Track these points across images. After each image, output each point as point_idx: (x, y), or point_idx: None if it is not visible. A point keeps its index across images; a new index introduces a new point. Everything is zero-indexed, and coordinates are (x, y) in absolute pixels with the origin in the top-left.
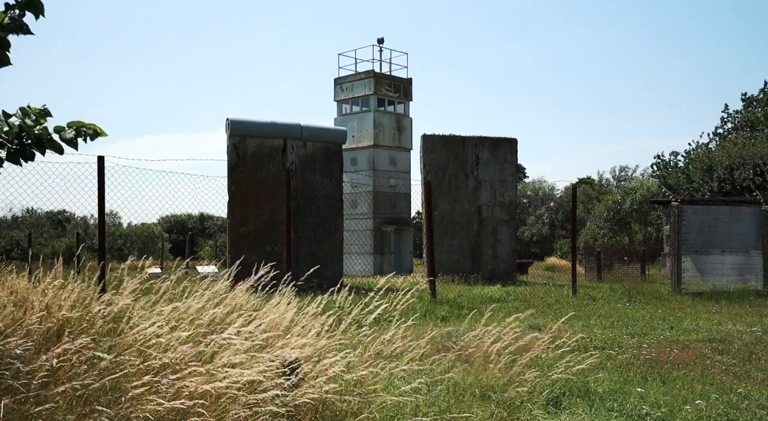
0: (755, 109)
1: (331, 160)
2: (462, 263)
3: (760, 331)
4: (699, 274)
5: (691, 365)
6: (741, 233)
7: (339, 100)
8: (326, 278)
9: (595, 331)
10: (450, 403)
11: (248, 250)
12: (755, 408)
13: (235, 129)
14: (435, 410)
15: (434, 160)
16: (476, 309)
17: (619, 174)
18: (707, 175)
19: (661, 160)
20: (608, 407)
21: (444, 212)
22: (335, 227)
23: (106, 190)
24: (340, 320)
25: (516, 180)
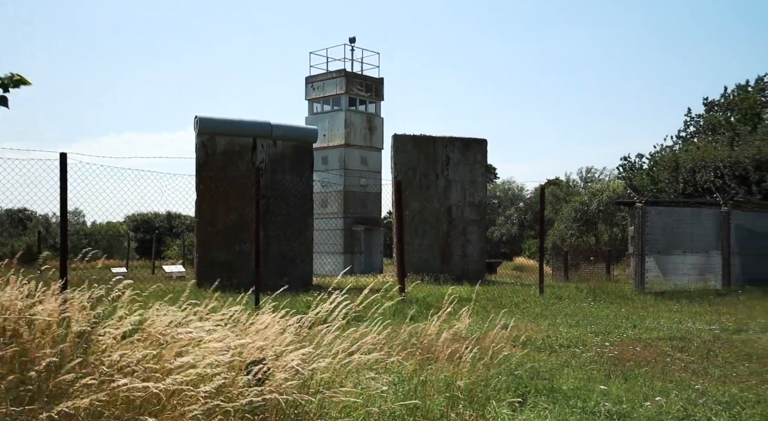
0: (716, 114)
1: (301, 159)
2: (432, 262)
3: (718, 329)
4: (662, 274)
5: (653, 363)
6: (702, 233)
7: (310, 99)
8: (296, 277)
9: (561, 330)
10: (416, 400)
11: (217, 249)
12: (712, 404)
13: (203, 127)
14: (402, 409)
15: (405, 160)
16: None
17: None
18: (672, 177)
19: (627, 161)
20: (572, 404)
21: (414, 212)
22: (305, 226)
23: (69, 188)
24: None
25: (486, 180)
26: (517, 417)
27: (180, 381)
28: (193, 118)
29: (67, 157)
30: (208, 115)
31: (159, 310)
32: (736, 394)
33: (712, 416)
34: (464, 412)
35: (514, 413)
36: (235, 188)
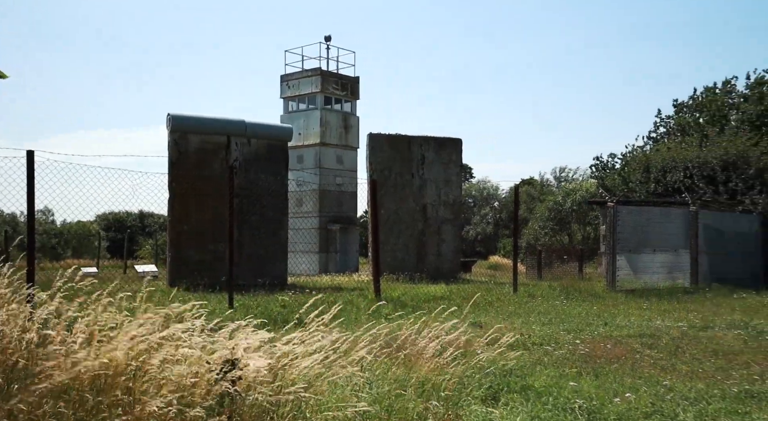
0: (685, 115)
1: (276, 157)
2: (407, 261)
3: (686, 326)
4: (632, 272)
5: (623, 360)
6: (671, 232)
7: (285, 97)
8: (271, 276)
9: (534, 328)
10: (392, 400)
11: (190, 249)
12: (679, 399)
13: (176, 125)
14: (377, 408)
15: (380, 159)
16: (420, 307)
17: (561, 175)
18: (642, 177)
19: (599, 161)
20: (544, 401)
21: (390, 211)
22: (280, 225)
23: (37, 186)
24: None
25: (460, 180)
26: (490, 415)
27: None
28: (165, 115)
29: (34, 154)
30: (182, 112)
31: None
32: (703, 389)
33: (679, 411)
34: (439, 410)
35: (487, 411)
36: (208, 187)
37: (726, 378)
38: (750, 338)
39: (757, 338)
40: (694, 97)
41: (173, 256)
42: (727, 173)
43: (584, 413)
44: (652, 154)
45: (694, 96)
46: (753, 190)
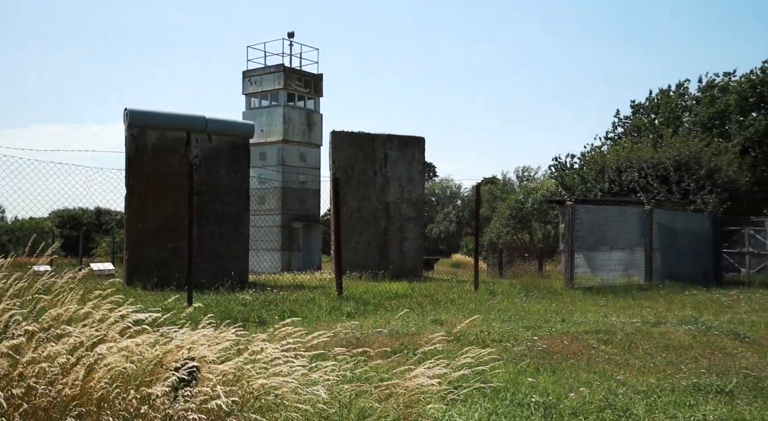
0: (642, 116)
1: (237, 154)
2: (370, 259)
3: (639, 322)
4: (590, 269)
5: (579, 355)
6: (627, 231)
7: (247, 93)
8: (231, 275)
9: (494, 325)
10: (351, 398)
11: (148, 246)
12: (631, 393)
13: (133, 120)
14: (336, 406)
15: (343, 157)
16: (382, 305)
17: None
18: (599, 177)
19: (558, 162)
20: (502, 397)
21: (352, 209)
22: (241, 223)
23: None
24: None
25: (423, 178)
26: (448, 411)
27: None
28: (123, 110)
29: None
30: (139, 107)
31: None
32: (654, 383)
33: (631, 404)
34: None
35: (445, 408)
36: (167, 184)
37: (676, 372)
38: (699, 333)
39: (705, 333)
40: (650, 99)
41: (131, 254)
42: (680, 174)
43: (540, 409)
44: (608, 155)
45: (650, 98)
46: (704, 190)
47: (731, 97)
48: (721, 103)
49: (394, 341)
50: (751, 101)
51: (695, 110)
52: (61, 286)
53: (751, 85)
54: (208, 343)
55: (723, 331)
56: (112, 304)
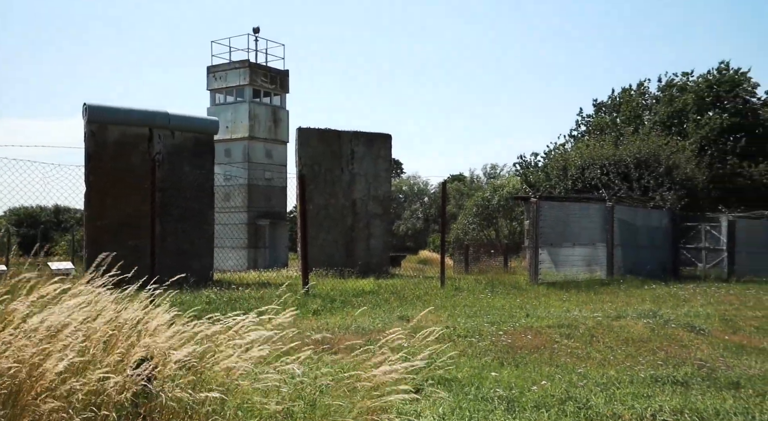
0: (604, 115)
1: (201, 151)
2: (336, 256)
3: (601, 316)
4: (554, 265)
5: (542, 349)
6: (589, 227)
7: (212, 89)
8: (195, 272)
9: (459, 320)
10: (315, 394)
11: (109, 245)
12: (592, 385)
13: (93, 115)
14: (301, 403)
15: (309, 154)
16: (348, 302)
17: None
18: (563, 174)
19: (523, 160)
20: (466, 391)
21: (319, 207)
22: (205, 220)
23: None
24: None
25: (390, 175)
26: (412, 407)
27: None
28: (82, 105)
29: None
30: (100, 102)
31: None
32: (613, 375)
33: (591, 396)
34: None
35: (409, 403)
36: (129, 180)
37: (635, 364)
38: (657, 327)
39: (663, 326)
40: (612, 98)
41: (90, 252)
42: (640, 171)
43: (504, 402)
44: (571, 153)
45: (612, 96)
46: (663, 187)
47: (689, 97)
48: (680, 102)
49: (359, 337)
50: (708, 101)
51: (655, 109)
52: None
53: (707, 85)
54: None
55: (680, 324)
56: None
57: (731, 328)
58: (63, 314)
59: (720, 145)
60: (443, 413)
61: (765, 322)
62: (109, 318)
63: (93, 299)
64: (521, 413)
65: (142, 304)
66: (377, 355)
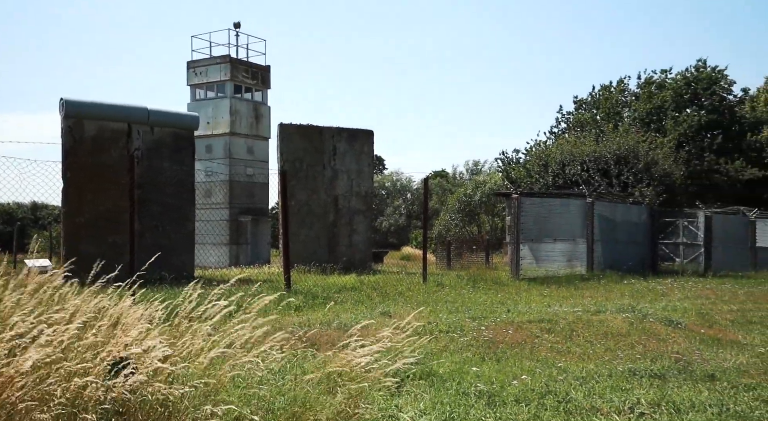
0: (584, 112)
1: (181, 146)
2: (319, 253)
3: (581, 311)
4: (535, 260)
5: (523, 344)
6: (570, 222)
7: (192, 84)
8: (175, 269)
9: (441, 316)
10: (296, 391)
11: (87, 241)
12: (571, 379)
13: (70, 110)
14: (282, 400)
15: (291, 149)
16: (331, 298)
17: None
18: (544, 171)
19: (505, 156)
20: (447, 386)
21: (301, 202)
22: (186, 216)
23: None
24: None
25: (372, 171)
26: (392, 402)
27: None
28: (59, 100)
29: None
30: (77, 97)
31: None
32: (593, 369)
33: (571, 390)
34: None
35: (390, 398)
36: (107, 176)
37: (613, 358)
38: (636, 321)
39: (641, 321)
40: (592, 95)
41: (68, 249)
42: (620, 167)
43: (484, 397)
44: (552, 149)
45: (593, 93)
46: (642, 182)
47: (667, 94)
48: (658, 99)
49: (341, 333)
50: (686, 98)
51: (634, 106)
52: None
53: (685, 82)
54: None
55: (657, 318)
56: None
57: (707, 322)
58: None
59: (697, 142)
60: (424, 408)
61: (740, 316)
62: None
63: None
64: (501, 407)
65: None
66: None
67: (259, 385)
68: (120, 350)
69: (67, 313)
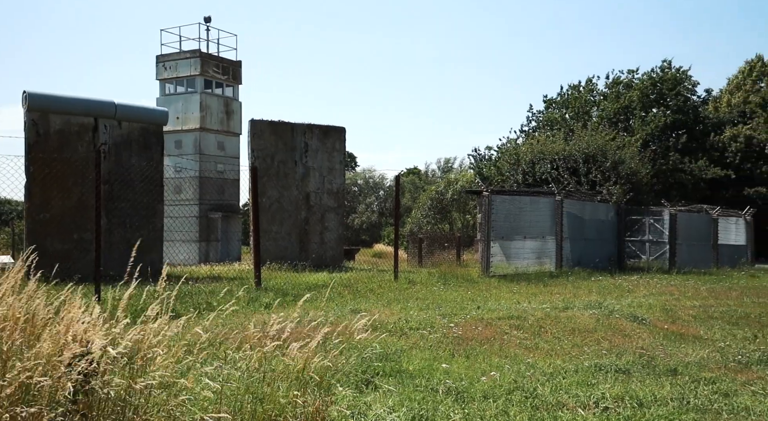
0: (554, 110)
1: (150, 142)
2: (290, 249)
3: (549, 307)
4: (505, 258)
5: (492, 341)
6: (539, 220)
7: (162, 79)
8: (143, 266)
9: (412, 313)
10: (263, 389)
11: (51, 238)
12: (539, 375)
13: (34, 103)
14: (248, 398)
15: (263, 146)
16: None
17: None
18: (514, 168)
19: (477, 153)
20: (416, 383)
21: (272, 199)
22: (154, 213)
23: None
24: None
25: (344, 168)
26: (361, 399)
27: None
28: (21, 93)
29: None
30: (42, 90)
31: None
32: (560, 365)
33: (538, 385)
34: (309, 397)
35: (360, 396)
36: (72, 172)
37: (580, 354)
38: (602, 317)
39: (608, 317)
40: (562, 94)
41: (31, 245)
42: (588, 166)
43: (453, 393)
44: (523, 147)
45: (562, 93)
46: (609, 181)
47: (634, 94)
48: (626, 99)
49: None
50: (652, 98)
51: (603, 105)
52: None
53: (652, 82)
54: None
55: (623, 314)
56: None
57: (671, 317)
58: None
59: (663, 141)
60: (393, 405)
61: (702, 311)
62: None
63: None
64: (470, 403)
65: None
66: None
67: (227, 383)
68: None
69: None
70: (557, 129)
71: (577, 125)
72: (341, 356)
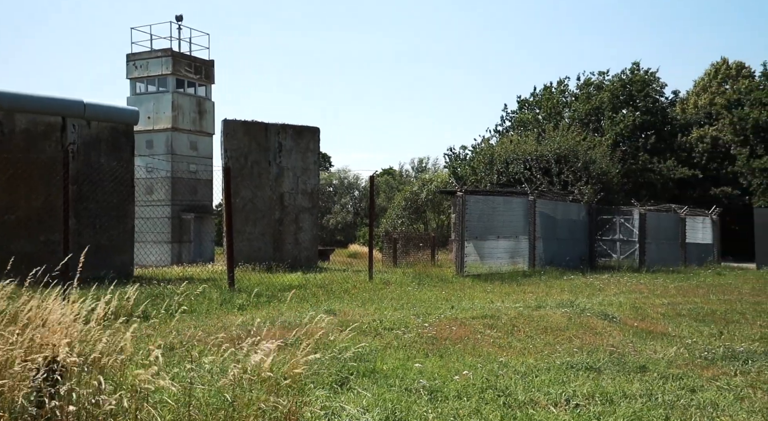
0: (527, 111)
1: (120, 142)
2: (264, 250)
3: (522, 306)
4: (479, 257)
5: (466, 340)
6: (513, 220)
7: (132, 78)
8: (114, 268)
9: (386, 313)
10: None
11: (17, 239)
12: (512, 374)
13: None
14: (218, 401)
15: (236, 146)
16: (275, 297)
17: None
18: (488, 168)
19: (452, 153)
20: (390, 383)
21: (246, 200)
22: (124, 213)
23: None
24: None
25: (318, 168)
26: (335, 400)
27: None
28: None
29: None
30: (7, 89)
31: None
32: (532, 363)
33: (511, 384)
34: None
35: (333, 396)
36: (39, 172)
37: (552, 352)
38: (574, 315)
39: (579, 315)
40: (534, 95)
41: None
42: (560, 166)
43: (427, 392)
44: (496, 147)
45: (535, 93)
46: (581, 181)
47: (605, 95)
48: (596, 100)
49: (285, 332)
50: (622, 99)
51: (574, 106)
52: None
53: (621, 84)
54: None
55: (594, 313)
56: None
57: (640, 315)
58: None
59: (633, 142)
60: (367, 405)
61: (670, 309)
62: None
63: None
64: (443, 402)
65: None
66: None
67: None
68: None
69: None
70: (530, 129)
71: (549, 126)
72: (315, 357)
